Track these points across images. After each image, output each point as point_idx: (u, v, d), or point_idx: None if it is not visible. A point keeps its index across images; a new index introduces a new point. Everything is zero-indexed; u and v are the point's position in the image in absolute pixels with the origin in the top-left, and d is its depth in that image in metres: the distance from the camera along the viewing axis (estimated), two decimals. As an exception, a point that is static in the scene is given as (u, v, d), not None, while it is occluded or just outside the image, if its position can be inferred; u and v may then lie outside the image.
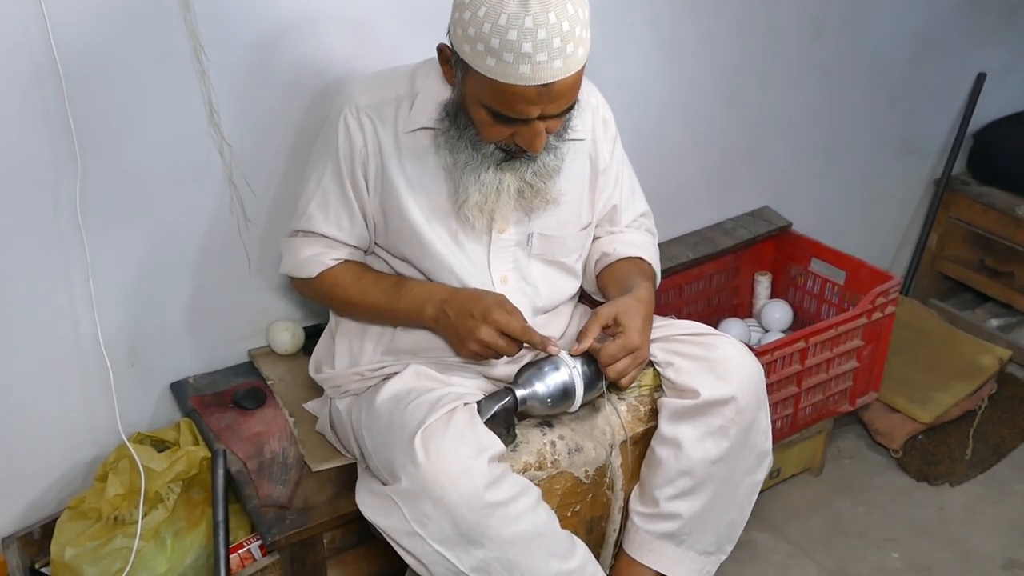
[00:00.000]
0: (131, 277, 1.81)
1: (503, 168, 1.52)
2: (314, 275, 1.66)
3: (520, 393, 1.54)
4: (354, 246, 1.67)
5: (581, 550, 1.55)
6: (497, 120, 1.44)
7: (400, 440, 1.46)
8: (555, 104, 1.42)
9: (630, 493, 1.70)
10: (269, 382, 1.96)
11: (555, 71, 1.37)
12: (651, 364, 1.67)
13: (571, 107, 1.47)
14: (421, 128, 1.57)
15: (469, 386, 1.61)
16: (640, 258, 1.79)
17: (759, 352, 1.99)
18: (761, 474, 1.73)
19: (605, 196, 1.77)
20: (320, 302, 1.76)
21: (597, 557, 1.62)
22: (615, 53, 2.17)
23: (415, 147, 1.58)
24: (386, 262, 1.69)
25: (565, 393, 1.56)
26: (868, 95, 2.71)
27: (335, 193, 1.62)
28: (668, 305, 2.43)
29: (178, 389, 1.94)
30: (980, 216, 2.87)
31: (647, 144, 2.31)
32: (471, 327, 1.54)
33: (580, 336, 1.56)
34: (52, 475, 1.86)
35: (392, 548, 1.49)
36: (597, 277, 1.80)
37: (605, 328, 1.56)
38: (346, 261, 1.66)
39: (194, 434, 1.83)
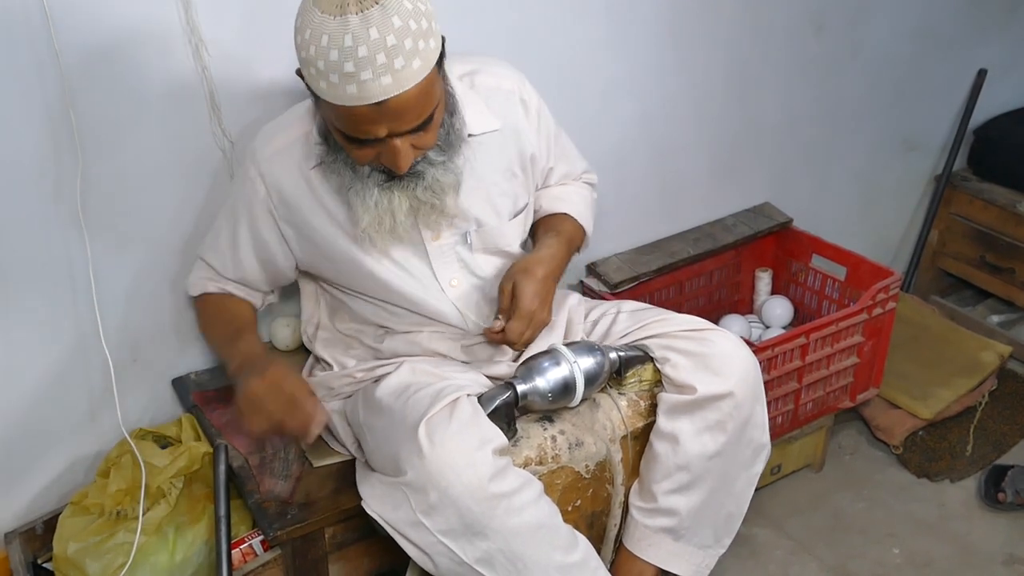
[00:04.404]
0: (132, 273, 1.81)
1: (391, 187, 1.46)
2: (193, 295, 1.77)
3: (521, 388, 1.54)
4: (236, 282, 1.72)
5: (583, 544, 1.55)
6: (351, 143, 1.39)
7: (403, 432, 1.46)
8: (401, 121, 1.34)
9: (631, 488, 1.71)
10: (270, 378, 1.96)
11: (384, 88, 1.29)
12: (651, 360, 1.67)
13: (428, 120, 1.38)
14: (319, 162, 1.54)
15: (467, 379, 1.61)
16: (565, 213, 1.78)
17: (759, 348, 1.99)
18: (759, 467, 1.73)
19: (539, 167, 1.73)
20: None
21: (598, 552, 1.62)
22: (616, 48, 2.17)
23: (325, 179, 1.55)
24: (343, 293, 1.71)
25: (566, 388, 1.56)
26: (869, 91, 2.70)
27: (225, 236, 1.68)
28: (669, 301, 2.43)
29: (180, 385, 1.94)
30: (981, 212, 2.87)
31: (647, 140, 2.32)
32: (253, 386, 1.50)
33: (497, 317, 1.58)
34: (54, 471, 1.86)
35: (394, 543, 1.49)
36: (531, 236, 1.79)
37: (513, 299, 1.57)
38: (224, 292, 1.73)
39: (196, 429, 1.83)
